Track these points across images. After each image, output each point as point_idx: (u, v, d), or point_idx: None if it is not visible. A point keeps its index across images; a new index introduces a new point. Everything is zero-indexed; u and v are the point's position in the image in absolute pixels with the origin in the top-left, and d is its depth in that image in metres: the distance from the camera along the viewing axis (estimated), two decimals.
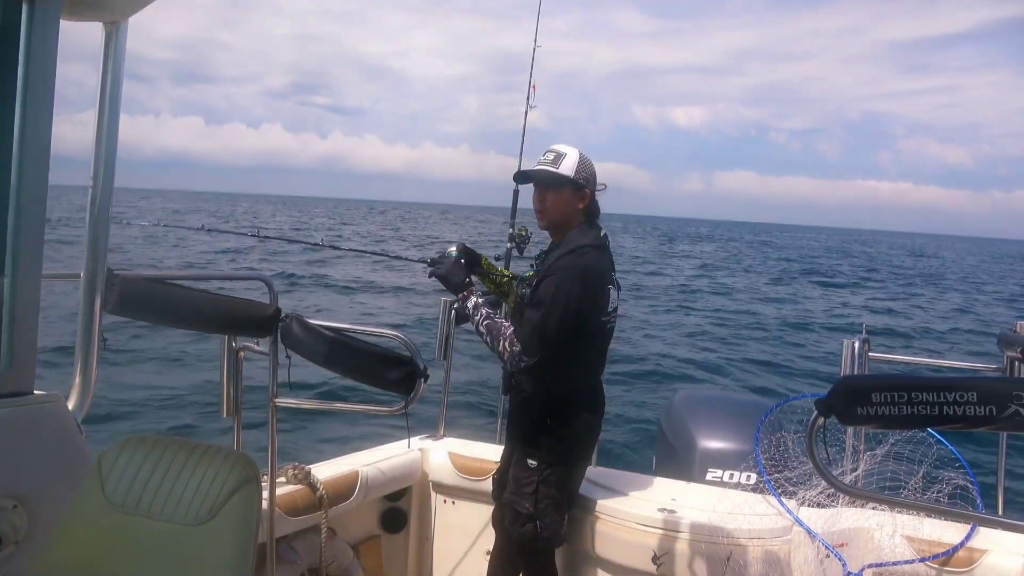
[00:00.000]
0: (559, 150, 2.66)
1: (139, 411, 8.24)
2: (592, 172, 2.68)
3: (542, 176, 2.65)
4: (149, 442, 1.62)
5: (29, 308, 1.76)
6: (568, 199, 2.65)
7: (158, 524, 1.51)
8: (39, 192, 1.74)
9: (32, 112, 1.70)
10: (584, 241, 2.61)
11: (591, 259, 2.58)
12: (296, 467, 2.77)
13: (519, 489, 2.66)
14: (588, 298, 2.54)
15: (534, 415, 2.66)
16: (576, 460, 2.70)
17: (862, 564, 2.51)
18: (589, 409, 2.70)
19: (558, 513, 2.65)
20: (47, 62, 1.71)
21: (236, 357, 2.50)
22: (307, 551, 2.71)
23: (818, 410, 1.42)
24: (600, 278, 2.59)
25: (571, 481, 2.70)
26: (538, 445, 2.64)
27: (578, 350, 2.60)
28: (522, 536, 2.67)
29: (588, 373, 2.70)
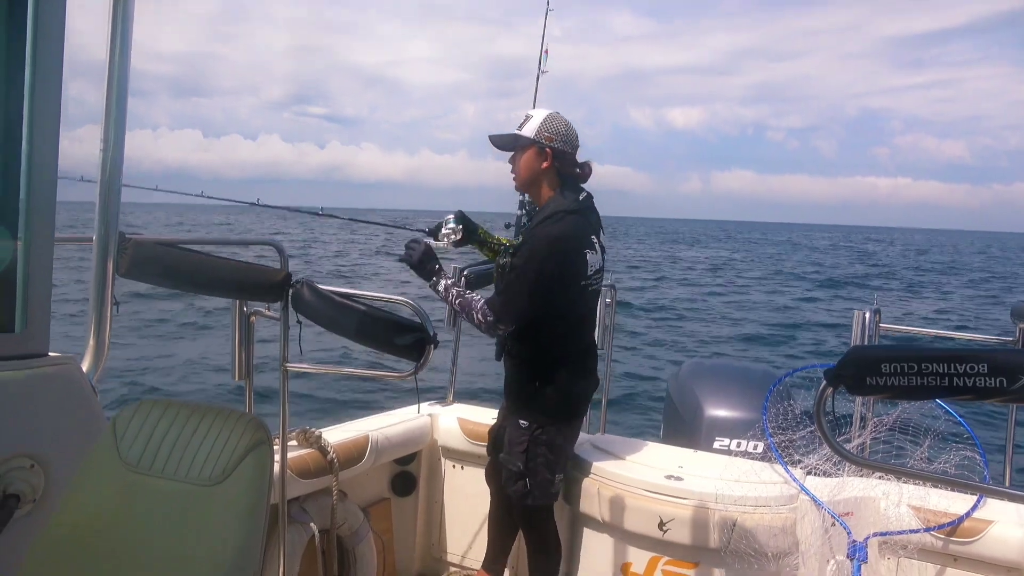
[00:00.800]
0: (530, 113, 2.70)
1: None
2: (560, 132, 2.66)
3: (501, 140, 2.72)
4: (163, 404, 1.64)
5: (42, 271, 1.77)
6: (532, 160, 2.67)
7: (172, 484, 1.53)
8: (50, 154, 1.74)
9: (41, 77, 1.69)
10: (561, 207, 2.61)
11: (565, 225, 2.58)
12: (307, 431, 2.81)
13: (512, 448, 2.71)
14: (561, 264, 2.56)
15: (525, 377, 2.71)
16: (567, 420, 2.74)
17: (867, 533, 2.53)
18: (578, 370, 2.73)
19: (549, 472, 2.69)
20: (55, 22, 1.70)
21: (247, 322, 2.52)
22: (318, 512, 2.75)
23: (827, 380, 1.42)
24: (575, 243, 2.60)
25: (563, 441, 2.74)
26: (529, 406, 2.69)
27: (562, 314, 2.63)
28: (514, 494, 2.74)
29: (576, 335, 2.72)
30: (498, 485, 2.92)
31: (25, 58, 1.68)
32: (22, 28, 1.67)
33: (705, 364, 4.39)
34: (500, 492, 2.93)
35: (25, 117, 1.69)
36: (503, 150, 2.74)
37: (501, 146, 2.73)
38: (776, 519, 2.65)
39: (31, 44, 1.67)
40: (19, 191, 1.71)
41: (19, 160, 1.70)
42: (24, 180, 1.71)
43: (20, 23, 1.67)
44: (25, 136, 1.69)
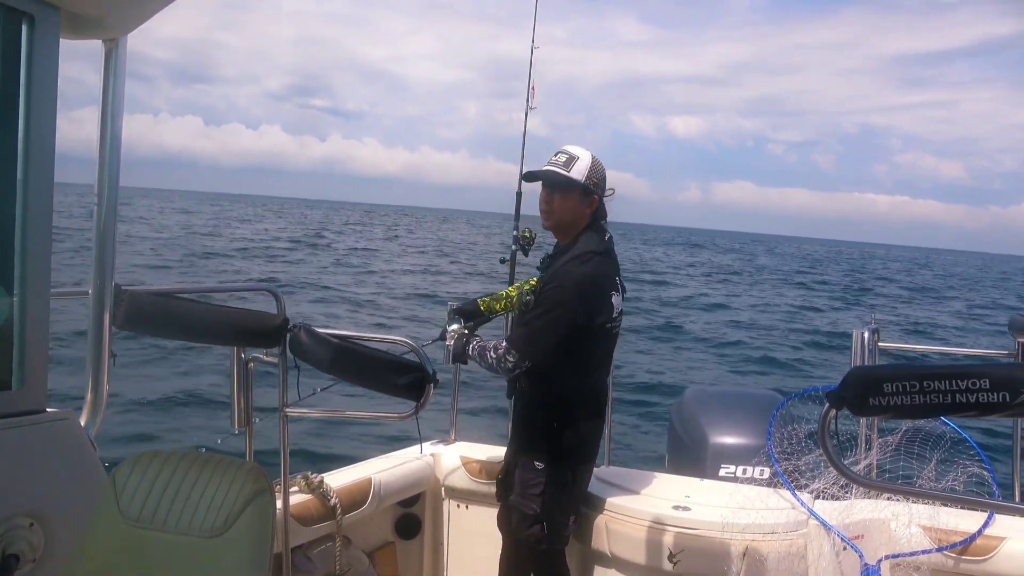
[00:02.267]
0: (572, 152, 2.65)
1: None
2: (602, 177, 2.67)
3: (552, 177, 2.64)
4: (162, 456, 1.63)
5: (39, 326, 1.76)
6: (576, 203, 2.64)
7: (174, 537, 1.51)
8: (45, 211, 1.75)
9: (35, 132, 1.70)
10: (590, 247, 2.60)
11: (594, 266, 2.58)
12: (308, 476, 2.78)
13: (525, 491, 2.66)
14: (586, 305, 2.55)
15: (539, 418, 2.67)
16: (581, 461, 2.70)
17: (879, 556, 2.50)
18: (593, 411, 2.71)
19: (564, 515, 2.66)
20: (48, 81, 1.72)
21: (246, 368, 2.51)
22: (322, 560, 2.71)
23: (830, 402, 1.42)
24: (602, 285, 2.60)
25: (577, 482, 2.71)
26: (544, 447, 2.65)
27: (580, 354, 2.61)
28: (529, 538, 2.68)
29: (592, 376, 2.70)
30: (510, 531, 2.83)
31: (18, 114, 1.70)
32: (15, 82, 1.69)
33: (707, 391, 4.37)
34: (513, 537, 2.83)
35: (19, 173, 1.70)
36: (557, 190, 2.65)
37: (555, 186, 2.64)
38: (786, 545, 2.62)
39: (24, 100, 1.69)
40: (14, 248, 1.72)
41: (13, 217, 1.71)
42: (19, 237, 1.71)
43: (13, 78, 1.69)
44: (20, 193, 1.70)
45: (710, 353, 15.89)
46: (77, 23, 1.80)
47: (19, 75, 1.69)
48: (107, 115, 1.92)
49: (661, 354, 14.98)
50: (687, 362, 14.65)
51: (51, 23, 1.71)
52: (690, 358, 15.08)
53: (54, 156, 1.75)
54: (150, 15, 1.86)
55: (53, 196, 1.75)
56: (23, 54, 1.68)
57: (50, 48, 1.72)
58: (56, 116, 1.74)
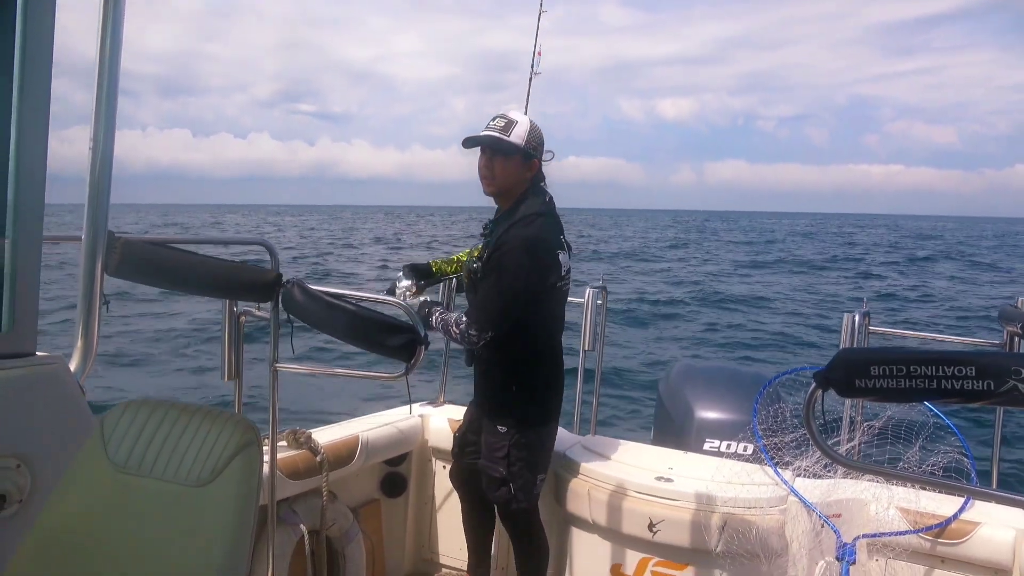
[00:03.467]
0: (510, 116, 2.65)
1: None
2: (541, 140, 2.68)
3: (491, 142, 2.64)
4: (151, 404, 1.63)
5: (30, 270, 1.76)
6: (517, 167, 2.65)
7: (160, 484, 1.52)
8: (39, 154, 1.73)
9: (30, 72, 1.68)
10: (532, 210, 2.61)
11: (539, 228, 2.58)
12: (297, 431, 2.80)
13: (491, 454, 2.71)
14: (538, 267, 2.57)
15: (499, 381, 2.70)
16: (545, 421, 2.74)
17: (856, 534, 2.54)
18: (551, 371, 2.74)
19: (531, 473, 2.70)
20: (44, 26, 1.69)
21: (237, 322, 2.51)
22: (308, 513, 2.74)
23: (816, 382, 1.42)
24: (549, 245, 2.61)
25: (542, 443, 2.75)
26: (506, 410, 2.69)
27: (535, 316, 2.64)
28: (498, 500, 2.74)
29: (548, 336, 2.73)
30: (466, 489, 2.94)
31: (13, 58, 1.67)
32: (10, 27, 1.66)
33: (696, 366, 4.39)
34: (470, 495, 2.95)
35: (13, 117, 1.68)
36: (499, 154, 2.65)
37: (498, 150, 2.64)
38: (766, 520, 2.66)
39: (20, 43, 1.67)
40: (7, 190, 1.70)
41: (7, 159, 1.69)
42: (12, 179, 1.70)
43: (9, 21, 1.66)
44: (13, 135, 1.68)
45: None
46: None
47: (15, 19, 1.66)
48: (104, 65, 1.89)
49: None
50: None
51: None
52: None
53: (49, 101, 1.73)
54: None
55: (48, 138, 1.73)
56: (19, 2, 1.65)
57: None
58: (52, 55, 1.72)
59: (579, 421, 3.49)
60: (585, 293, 3.23)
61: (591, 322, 3.25)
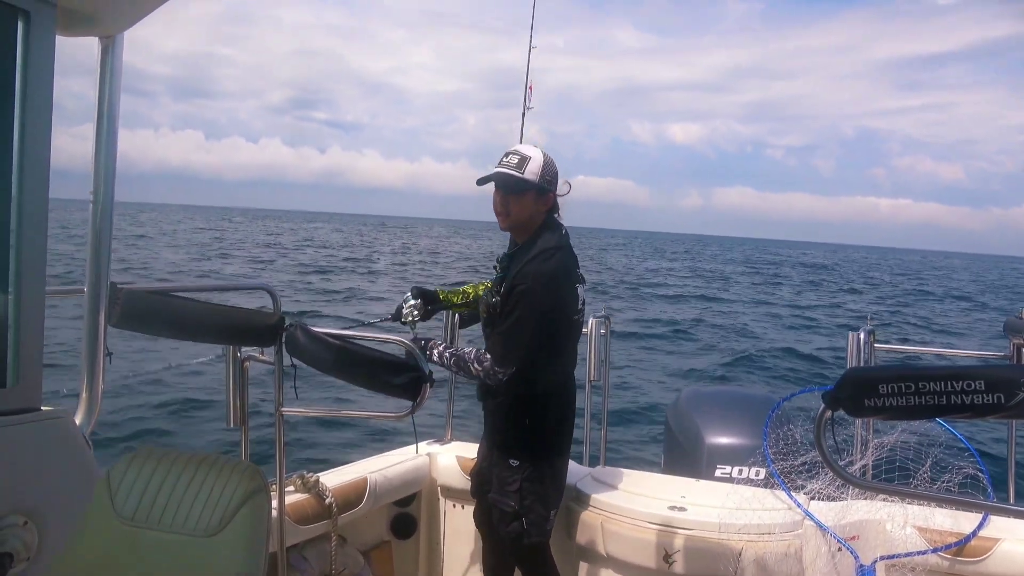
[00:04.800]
0: (523, 152, 2.64)
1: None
2: (555, 173, 2.67)
3: (505, 180, 2.64)
4: (157, 455, 1.62)
5: (34, 324, 1.76)
6: (531, 203, 2.65)
7: (169, 536, 1.51)
8: (40, 207, 1.74)
9: (31, 128, 1.70)
10: (550, 244, 2.61)
11: (557, 262, 2.59)
12: (304, 476, 2.78)
13: (503, 488, 2.68)
14: (558, 301, 2.58)
15: (511, 416, 2.68)
16: (557, 455, 2.72)
17: (874, 556, 2.50)
18: (564, 404, 2.72)
19: (544, 508, 2.66)
20: (44, 78, 1.72)
21: (241, 367, 2.50)
22: (318, 559, 2.71)
23: (825, 403, 1.42)
24: (568, 279, 2.62)
25: (554, 476, 2.71)
26: (518, 444, 2.66)
27: (551, 350, 2.62)
28: (509, 534, 2.70)
29: (561, 369, 2.72)
30: (489, 528, 2.86)
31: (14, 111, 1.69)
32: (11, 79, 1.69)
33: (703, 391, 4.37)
34: (492, 535, 2.87)
35: (14, 170, 1.70)
36: (512, 192, 2.64)
37: (512, 189, 2.63)
38: (781, 546, 2.62)
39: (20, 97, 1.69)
40: (8, 245, 1.71)
41: (8, 213, 1.70)
42: (14, 233, 1.71)
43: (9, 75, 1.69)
44: (15, 190, 1.70)
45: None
46: (73, 20, 1.79)
47: (15, 72, 1.69)
48: (103, 113, 1.92)
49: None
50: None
51: (47, 19, 1.71)
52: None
53: (50, 153, 1.75)
54: (146, 13, 1.85)
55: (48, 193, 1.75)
56: (19, 51, 1.68)
57: (46, 45, 1.71)
58: (52, 114, 1.74)
59: (588, 453, 3.47)
60: (589, 324, 3.22)
61: (595, 352, 3.24)
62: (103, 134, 1.92)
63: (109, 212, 1.96)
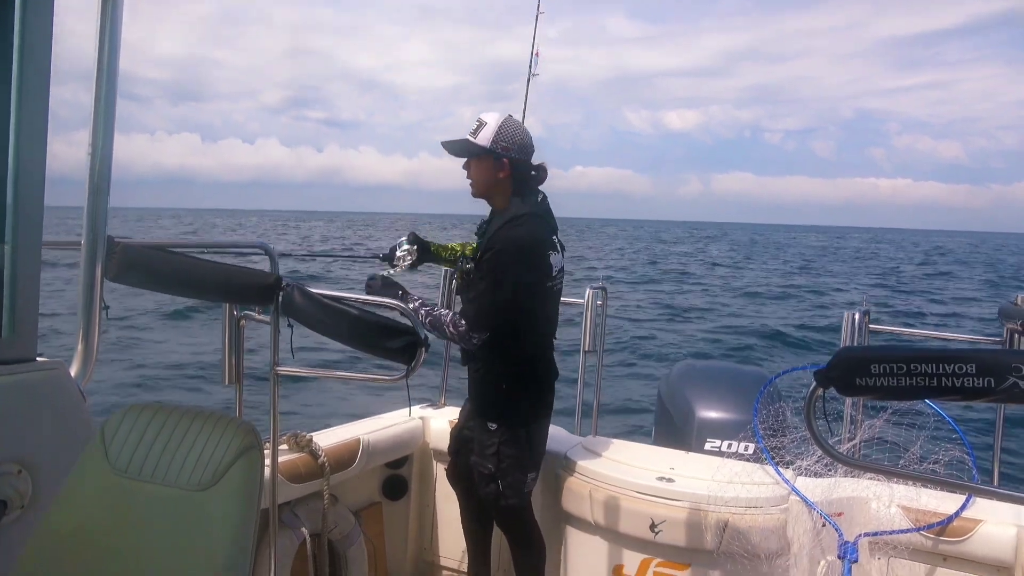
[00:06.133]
0: (482, 119, 2.67)
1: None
2: (516, 140, 2.65)
3: (453, 146, 2.69)
4: (152, 409, 1.63)
5: (30, 275, 1.76)
6: (488, 169, 2.67)
7: (161, 489, 1.52)
8: (37, 158, 1.73)
9: (29, 77, 1.68)
10: (522, 210, 2.62)
11: (529, 228, 2.60)
12: (298, 435, 2.80)
13: (482, 451, 2.73)
14: (530, 268, 2.59)
15: (490, 380, 2.72)
16: (535, 419, 2.76)
17: (858, 533, 2.54)
18: (543, 370, 2.76)
19: (521, 471, 2.71)
20: (43, 27, 1.69)
21: (237, 325, 2.51)
22: (309, 517, 2.74)
23: (817, 381, 1.42)
24: (540, 245, 2.62)
25: (532, 440, 2.75)
26: (496, 409, 2.71)
27: (528, 316, 2.65)
28: (488, 496, 2.76)
29: (539, 336, 2.75)
30: (464, 487, 2.95)
31: (12, 61, 1.67)
32: (8, 30, 1.66)
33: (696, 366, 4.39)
34: (467, 494, 2.96)
35: (12, 121, 1.68)
36: (457, 156, 2.72)
37: (455, 152, 2.70)
38: (768, 520, 2.66)
39: (18, 47, 1.67)
40: (6, 195, 1.70)
41: (6, 164, 1.69)
42: (11, 184, 1.70)
43: (7, 25, 1.66)
44: (12, 140, 1.68)
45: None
46: None
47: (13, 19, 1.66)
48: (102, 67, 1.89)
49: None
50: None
51: None
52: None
53: (48, 104, 1.73)
54: None
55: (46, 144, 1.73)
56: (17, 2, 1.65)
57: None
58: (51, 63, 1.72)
59: (580, 422, 3.49)
60: (585, 294, 3.23)
61: (591, 323, 3.25)
62: (102, 91, 1.89)
63: (107, 165, 1.95)
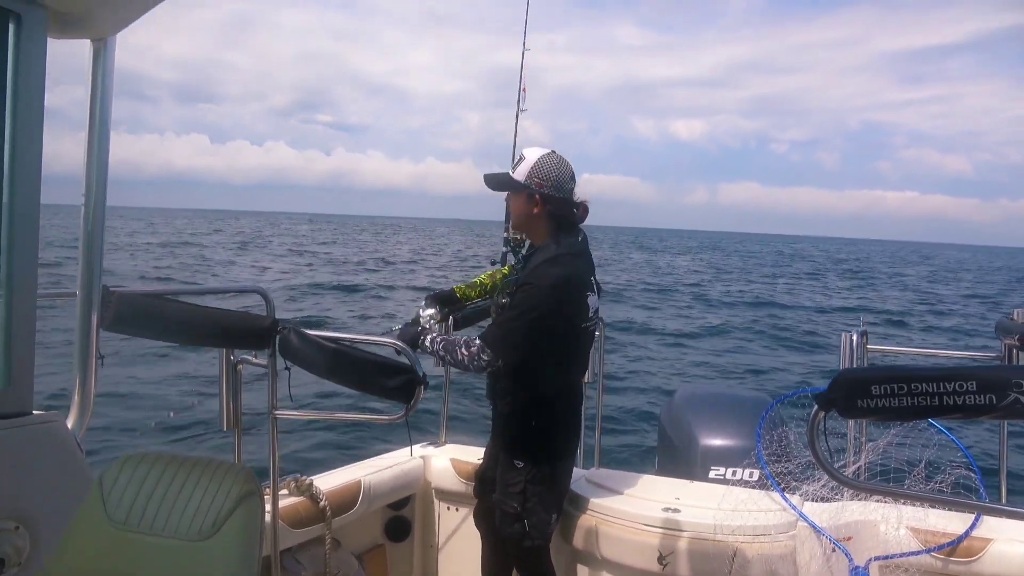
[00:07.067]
0: (523, 154, 2.66)
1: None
2: (551, 177, 2.61)
3: (491, 179, 2.70)
4: (150, 459, 1.62)
5: (25, 327, 1.75)
6: (523, 205, 2.65)
7: (161, 540, 1.50)
8: (32, 210, 1.73)
9: (22, 131, 1.69)
10: (561, 250, 2.60)
11: (566, 268, 2.57)
12: (298, 478, 2.77)
13: (506, 489, 2.68)
14: (562, 307, 2.55)
15: (517, 418, 2.68)
16: (561, 459, 2.72)
17: (868, 557, 2.51)
18: (570, 409, 2.73)
19: (546, 512, 2.66)
20: (35, 80, 1.71)
21: (235, 370, 2.50)
22: (312, 562, 2.70)
23: (818, 404, 1.42)
24: (576, 286, 2.59)
25: (557, 480, 2.71)
26: (523, 446, 2.67)
27: (557, 354, 2.62)
28: (511, 536, 2.70)
29: (568, 375, 2.72)
30: (488, 527, 2.88)
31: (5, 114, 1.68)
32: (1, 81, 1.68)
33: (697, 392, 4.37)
34: (491, 535, 2.88)
35: (6, 173, 1.69)
36: (497, 191, 2.71)
37: (496, 187, 2.70)
38: (776, 547, 2.63)
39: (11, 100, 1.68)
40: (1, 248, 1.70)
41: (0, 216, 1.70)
42: (5, 236, 1.70)
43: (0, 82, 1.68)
44: (6, 195, 1.69)
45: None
46: (64, 22, 1.79)
47: (5, 75, 1.68)
48: (95, 116, 1.91)
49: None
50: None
51: (38, 22, 1.70)
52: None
53: (41, 156, 1.74)
54: (138, 15, 1.85)
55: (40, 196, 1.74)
56: (10, 53, 1.67)
57: (37, 47, 1.71)
58: (43, 116, 1.73)
59: (583, 455, 3.47)
60: None
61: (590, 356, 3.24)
62: (95, 137, 1.91)
63: (101, 215, 1.95)
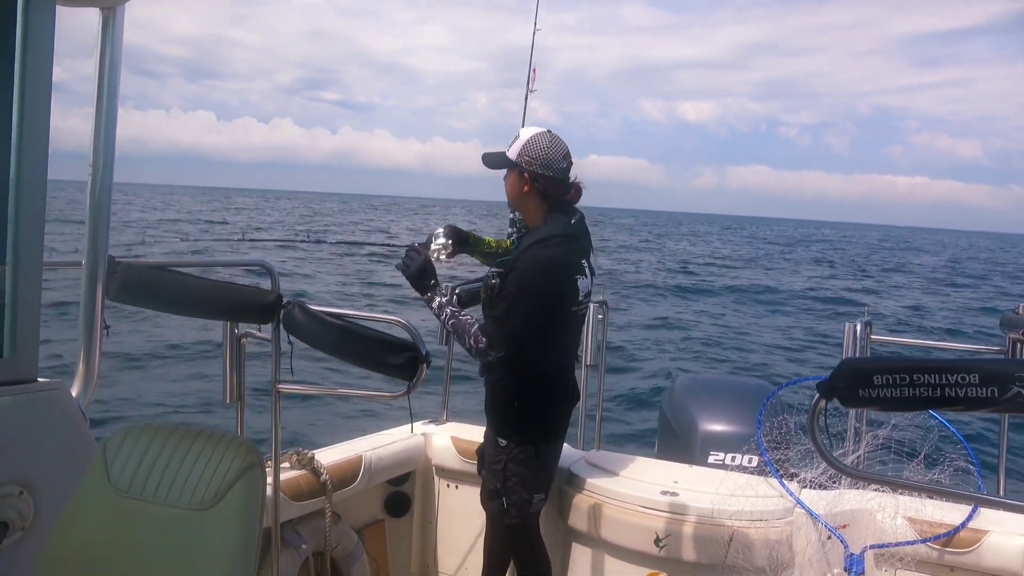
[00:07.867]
0: (520, 132, 2.66)
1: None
2: (540, 156, 2.59)
3: (490, 159, 2.70)
4: (153, 429, 1.63)
5: (31, 296, 1.76)
6: (515, 183, 2.65)
7: (163, 509, 1.52)
8: (39, 180, 1.74)
9: (30, 100, 1.69)
10: (553, 231, 2.57)
11: (556, 251, 2.55)
12: (300, 452, 2.79)
13: (490, 467, 2.71)
14: (553, 291, 2.55)
15: (506, 396, 2.70)
16: (545, 440, 2.72)
17: (863, 545, 2.52)
18: (559, 391, 2.73)
19: (527, 491, 2.67)
20: (44, 49, 1.70)
21: (238, 344, 2.50)
22: (312, 535, 2.73)
23: (820, 393, 1.42)
24: (566, 269, 2.58)
25: (541, 460, 2.71)
26: (508, 425, 2.69)
27: (548, 337, 2.62)
28: (491, 512, 2.74)
29: (559, 358, 2.72)
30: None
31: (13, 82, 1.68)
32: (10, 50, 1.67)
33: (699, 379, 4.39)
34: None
35: (13, 143, 1.69)
36: (491, 168, 2.72)
37: (489, 165, 2.71)
38: (772, 533, 2.64)
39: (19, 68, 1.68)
40: (6, 217, 1.71)
41: (6, 186, 1.70)
42: (12, 205, 1.70)
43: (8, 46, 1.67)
44: (13, 163, 1.69)
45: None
46: None
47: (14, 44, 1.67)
48: (103, 86, 1.91)
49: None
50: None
51: None
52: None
53: (49, 124, 1.74)
54: None
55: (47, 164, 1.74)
56: (19, 20, 1.67)
57: (46, 15, 1.70)
58: (51, 83, 1.73)
59: (583, 437, 3.48)
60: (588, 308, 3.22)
61: (592, 337, 3.24)
62: (103, 108, 1.91)
63: (108, 186, 1.96)
